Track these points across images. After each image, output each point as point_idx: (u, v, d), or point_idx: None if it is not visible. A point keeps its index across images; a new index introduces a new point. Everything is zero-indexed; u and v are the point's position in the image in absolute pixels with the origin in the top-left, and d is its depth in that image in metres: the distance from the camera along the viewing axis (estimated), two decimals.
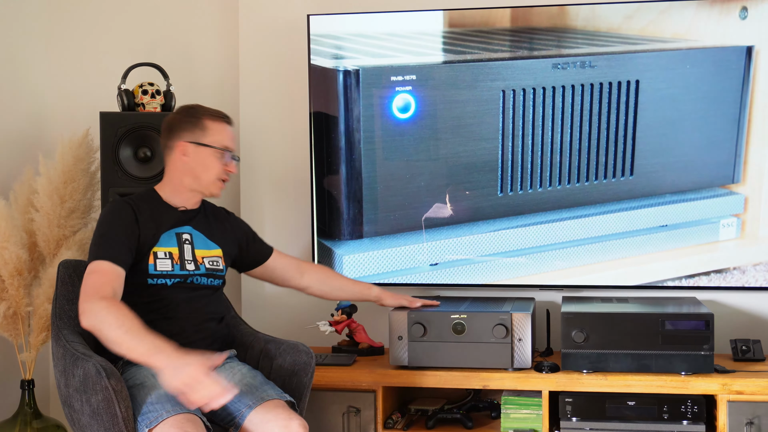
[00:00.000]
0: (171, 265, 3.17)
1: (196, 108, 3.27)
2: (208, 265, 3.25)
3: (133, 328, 2.83)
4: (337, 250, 4.04)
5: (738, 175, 3.82)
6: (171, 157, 3.24)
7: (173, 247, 3.19)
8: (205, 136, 3.21)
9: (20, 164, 4.06)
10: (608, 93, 3.84)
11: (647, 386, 3.48)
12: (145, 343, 2.81)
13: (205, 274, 3.24)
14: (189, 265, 3.20)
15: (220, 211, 3.42)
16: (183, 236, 3.23)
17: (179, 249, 3.20)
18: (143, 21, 4.37)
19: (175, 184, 3.25)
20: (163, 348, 2.79)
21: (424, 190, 3.97)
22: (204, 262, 3.24)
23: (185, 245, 3.22)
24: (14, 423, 3.92)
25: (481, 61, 3.91)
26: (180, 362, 2.75)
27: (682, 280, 3.86)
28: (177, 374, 2.74)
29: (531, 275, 3.95)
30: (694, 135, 3.83)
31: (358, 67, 3.95)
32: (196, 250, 3.24)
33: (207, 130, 3.22)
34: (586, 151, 3.88)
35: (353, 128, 3.98)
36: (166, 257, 3.17)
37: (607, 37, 3.84)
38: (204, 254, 3.25)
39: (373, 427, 3.63)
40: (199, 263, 3.22)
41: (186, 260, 3.20)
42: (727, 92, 3.78)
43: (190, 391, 2.73)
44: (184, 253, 3.21)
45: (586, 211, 3.91)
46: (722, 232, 3.87)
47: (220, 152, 3.21)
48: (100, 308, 2.88)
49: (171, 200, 3.26)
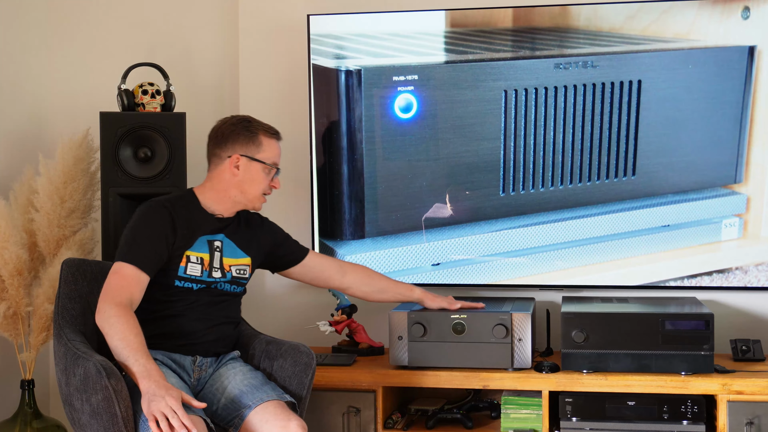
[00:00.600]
0: (201, 271, 3.19)
1: (252, 122, 3.30)
2: (234, 273, 3.27)
3: (133, 345, 2.91)
4: (339, 250, 4.04)
5: (740, 175, 3.81)
6: (220, 166, 3.26)
7: (205, 253, 3.21)
8: (259, 151, 3.25)
9: (20, 164, 4.07)
10: (610, 93, 3.84)
11: (647, 386, 3.47)
12: (139, 365, 2.87)
13: (230, 281, 3.26)
14: (216, 272, 3.22)
15: (254, 218, 3.43)
16: (215, 243, 3.24)
17: (210, 256, 3.22)
18: (143, 21, 4.37)
19: (219, 192, 3.26)
20: (151, 374, 2.86)
21: (426, 190, 3.96)
22: (231, 270, 3.26)
23: (216, 252, 3.23)
24: (14, 423, 3.93)
25: (482, 61, 3.90)
26: (160, 393, 2.81)
27: (684, 280, 3.86)
28: (154, 402, 2.80)
29: (531, 275, 3.94)
30: (696, 135, 3.83)
31: (359, 67, 3.96)
32: (225, 258, 3.25)
33: (261, 146, 3.25)
34: (588, 151, 3.88)
35: (355, 128, 3.98)
36: (197, 262, 3.19)
37: (609, 38, 3.83)
38: (232, 263, 3.27)
39: (373, 427, 3.63)
40: (226, 271, 3.25)
41: (214, 268, 3.22)
42: (730, 92, 3.78)
43: (160, 421, 2.79)
44: (213, 260, 3.22)
45: (587, 211, 3.90)
46: (724, 233, 3.86)
47: (269, 168, 3.27)
48: (110, 315, 2.96)
49: (210, 207, 3.27)
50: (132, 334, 2.92)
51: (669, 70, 3.80)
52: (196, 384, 3.17)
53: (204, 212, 3.26)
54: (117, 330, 2.92)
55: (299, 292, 4.17)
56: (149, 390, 2.82)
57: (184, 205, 3.23)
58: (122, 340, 2.91)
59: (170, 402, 2.79)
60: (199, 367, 3.18)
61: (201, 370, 3.18)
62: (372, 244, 4.01)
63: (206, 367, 3.20)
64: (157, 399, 2.79)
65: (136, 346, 2.90)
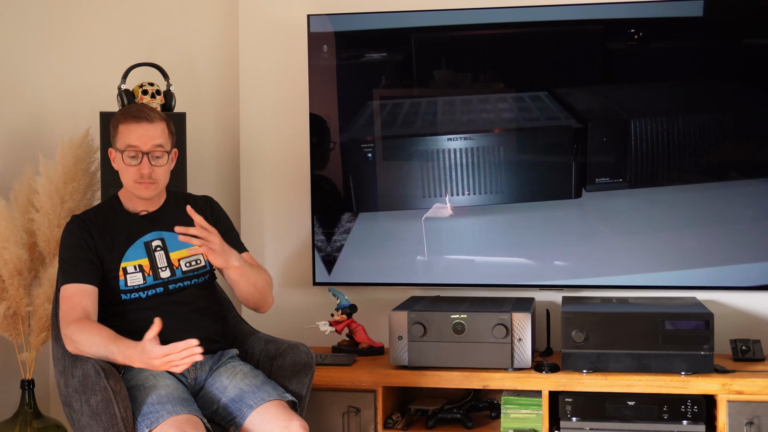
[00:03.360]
0: (142, 278, 3.13)
1: (118, 112, 3.21)
2: (184, 267, 3.18)
3: (101, 343, 2.93)
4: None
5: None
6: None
7: (142, 259, 3.13)
8: (117, 140, 3.14)
9: (20, 164, 4.06)
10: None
11: (647, 386, 3.48)
12: (116, 355, 2.90)
13: (182, 278, 3.18)
14: (163, 272, 3.15)
15: (198, 200, 3.32)
16: (153, 244, 3.17)
17: (150, 259, 3.15)
18: (143, 21, 4.36)
19: (125, 190, 3.21)
20: (130, 352, 2.86)
21: (427, 189, 3.96)
22: (180, 265, 3.18)
23: (156, 252, 3.16)
24: (14, 423, 3.92)
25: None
26: (144, 356, 2.82)
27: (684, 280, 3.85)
28: (144, 362, 2.83)
29: (531, 275, 3.94)
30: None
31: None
32: (171, 253, 3.17)
33: (118, 134, 3.14)
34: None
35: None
36: (136, 271, 3.13)
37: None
38: (180, 255, 3.18)
39: (373, 427, 3.63)
40: (174, 267, 3.17)
41: (160, 268, 3.15)
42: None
43: (168, 366, 2.81)
44: (156, 261, 3.15)
45: (588, 212, 3.90)
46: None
47: (129, 154, 3.11)
48: (70, 333, 2.99)
49: (130, 206, 3.21)
50: (95, 336, 2.94)
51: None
52: (194, 383, 3.15)
53: (127, 214, 3.19)
54: (83, 343, 2.95)
55: (299, 292, 4.18)
56: (136, 360, 2.84)
57: (103, 212, 3.19)
58: (91, 346, 2.94)
59: (154, 353, 2.80)
60: (194, 367, 3.15)
61: (197, 369, 3.16)
62: (369, 241, 4.02)
63: (202, 365, 3.17)
64: (142, 361, 2.82)
65: (103, 342, 2.92)
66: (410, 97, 4.01)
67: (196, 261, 3.20)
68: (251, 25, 4.21)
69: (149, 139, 3.11)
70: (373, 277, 4.03)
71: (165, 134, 3.15)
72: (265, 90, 4.20)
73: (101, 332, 2.95)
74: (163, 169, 3.15)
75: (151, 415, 2.89)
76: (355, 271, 4.04)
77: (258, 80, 4.21)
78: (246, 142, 4.22)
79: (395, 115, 4.00)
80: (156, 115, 3.15)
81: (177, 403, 2.90)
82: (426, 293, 4.06)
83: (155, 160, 3.12)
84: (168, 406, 2.89)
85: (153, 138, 3.12)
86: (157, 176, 3.13)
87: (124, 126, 3.12)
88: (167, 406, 2.89)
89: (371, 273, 4.04)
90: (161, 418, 2.87)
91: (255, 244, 4.15)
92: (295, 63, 4.13)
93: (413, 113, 3.99)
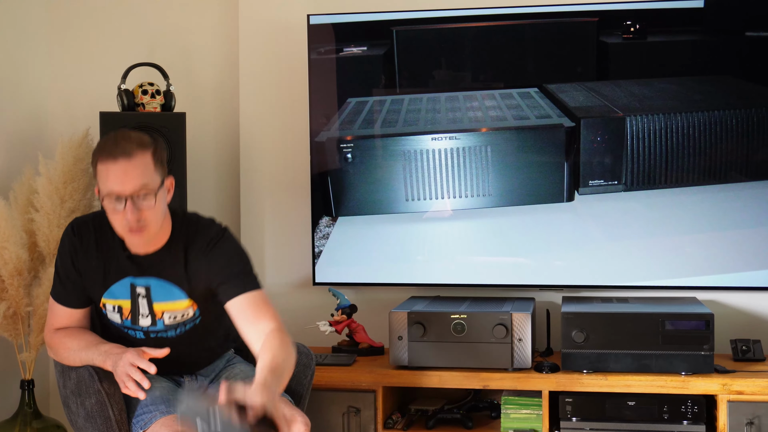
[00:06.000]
0: (120, 319, 2.92)
1: (96, 145, 2.82)
2: (167, 321, 2.92)
3: (76, 349, 2.93)
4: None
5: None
6: None
7: (124, 300, 2.90)
8: (97, 182, 2.76)
9: (20, 164, 4.06)
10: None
11: (647, 386, 3.48)
12: (95, 359, 2.89)
13: (164, 329, 2.94)
14: (144, 320, 2.91)
15: (196, 245, 2.88)
16: (137, 290, 2.88)
17: (132, 302, 2.90)
18: (143, 21, 4.36)
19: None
20: (109, 351, 2.86)
21: (427, 189, 3.96)
22: (163, 317, 2.91)
23: (140, 299, 2.89)
24: (14, 423, 3.92)
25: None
26: (119, 356, 2.83)
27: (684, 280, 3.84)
28: (118, 367, 2.82)
29: (531, 275, 3.93)
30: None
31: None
32: (155, 303, 2.89)
33: (97, 175, 2.75)
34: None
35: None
36: (114, 311, 2.93)
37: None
38: (165, 308, 2.90)
39: (373, 427, 3.63)
40: (157, 318, 2.91)
41: (141, 314, 2.91)
42: None
43: (126, 383, 2.82)
44: (138, 307, 2.90)
45: (588, 212, 3.89)
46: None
47: (110, 199, 2.74)
48: (49, 343, 3.01)
49: (126, 239, 2.88)
50: (74, 341, 2.94)
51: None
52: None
53: (120, 245, 2.88)
54: (64, 349, 2.95)
55: (299, 292, 4.18)
56: (110, 359, 2.83)
57: (100, 226, 2.90)
58: (67, 357, 2.94)
59: (129, 358, 2.80)
60: (193, 379, 3.15)
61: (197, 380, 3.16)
62: (369, 240, 4.02)
63: (202, 377, 3.16)
64: (119, 363, 2.81)
65: (82, 345, 2.92)
66: (392, 95, 3.97)
67: (180, 316, 2.93)
68: (251, 25, 4.21)
69: (129, 181, 2.71)
70: (373, 277, 4.02)
71: (149, 169, 2.74)
72: (265, 90, 4.20)
73: (79, 337, 2.94)
74: (152, 211, 2.75)
75: (144, 416, 2.89)
76: (356, 271, 4.04)
77: (258, 80, 4.21)
78: (246, 142, 4.21)
79: (376, 114, 3.97)
80: (135, 147, 2.72)
81: (171, 404, 2.90)
82: (426, 293, 4.06)
83: (141, 202, 2.73)
84: (162, 406, 2.89)
85: (134, 178, 2.71)
86: (146, 220, 2.75)
87: (102, 166, 2.72)
88: (161, 407, 2.89)
89: (371, 273, 4.04)
90: (154, 419, 2.86)
91: (255, 244, 4.15)
92: (295, 63, 4.12)
93: (395, 111, 3.96)
